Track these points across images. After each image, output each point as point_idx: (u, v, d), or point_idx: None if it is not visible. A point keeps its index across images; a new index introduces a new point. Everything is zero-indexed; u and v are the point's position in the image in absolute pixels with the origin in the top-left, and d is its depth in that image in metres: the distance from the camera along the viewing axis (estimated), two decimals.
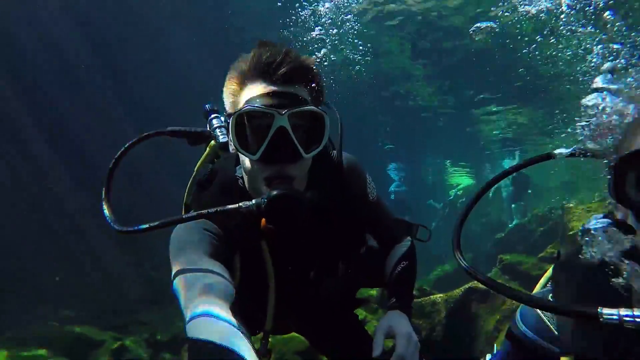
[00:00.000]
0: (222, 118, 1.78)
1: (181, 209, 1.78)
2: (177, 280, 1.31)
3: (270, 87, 1.37)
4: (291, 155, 1.37)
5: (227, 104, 1.50)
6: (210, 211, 1.38)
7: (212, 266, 1.33)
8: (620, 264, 1.13)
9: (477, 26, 8.36)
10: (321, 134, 1.43)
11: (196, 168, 1.78)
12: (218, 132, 1.74)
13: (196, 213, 1.39)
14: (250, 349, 1.04)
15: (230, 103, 1.48)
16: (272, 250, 1.57)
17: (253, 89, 1.39)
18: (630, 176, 1.06)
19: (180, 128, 1.83)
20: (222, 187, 1.57)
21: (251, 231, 1.53)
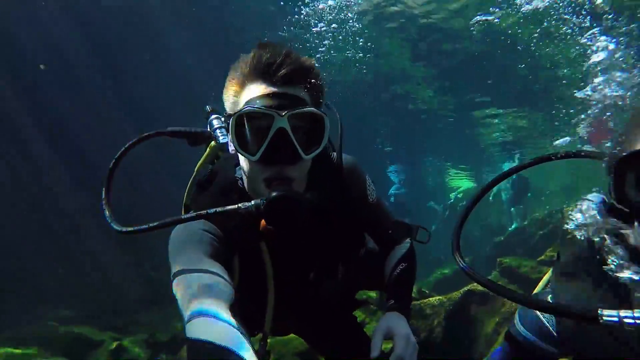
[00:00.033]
0: (223, 119, 1.77)
1: (181, 209, 1.78)
2: (176, 280, 1.31)
3: (270, 88, 1.37)
4: (291, 156, 1.37)
5: (227, 104, 1.50)
6: (210, 212, 1.38)
7: (212, 267, 1.33)
8: (622, 263, 1.12)
9: (477, 20, 8.35)
10: (321, 136, 1.43)
11: (196, 169, 1.78)
12: (218, 132, 1.74)
13: (195, 214, 1.39)
14: (250, 350, 1.04)
15: (230, 104, 1.48)
16: (272, 251, 1.57)
17: (253, 90, 1.39)
18: (630, 177, 1.06)
19: (180, 128, 1.84)
20: (222, 188, 1.57)
21: (250, 232, 1.53)
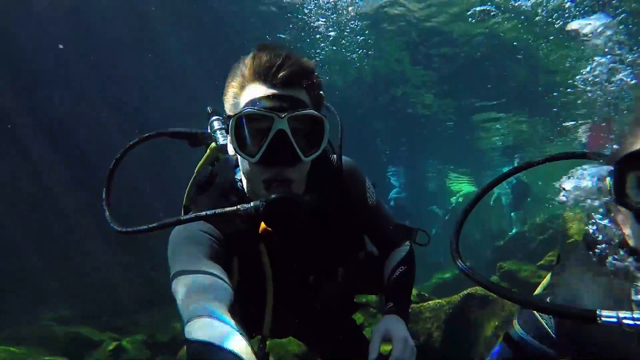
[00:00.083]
0: (223, 120, 1.78)
1: (180, 210, 1.78)
2: (175, 281, 1.31)
3: (270, 90, 1.37)
4: (290, 158, 1.37)
5: (226, 106, 1.50)
6: (209, 213, 1.39)
7: (211, 268, 1.34)
8: (623, 266, 1.12)
9: (475, 9, 8.22)
10: (320, 138, 1.43)
11: (196, 170, 1.78)
12: (218, 134, 1.74)
13: (195, 215, 1.40)
14: (249, 351, 1.04)
15: (230, 105, 1.48)
16: (271, 253, 1.57)
17: (253, 91, 1.39)
18: (631, 177, 1.06)
19: (180, 129, 1.84)
20: (221, 189, 1.57)
21: (249, 234, 1.53)
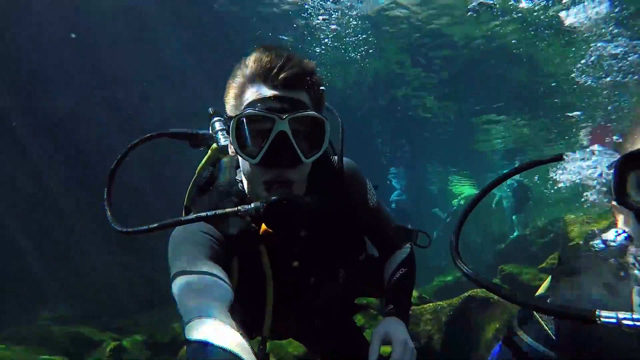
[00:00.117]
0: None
1: (181, 211, 1.78)
2: (175, 281, 1.31)
3: (271, 92, 1.37)
4: (291, 159, 1.37)
5: (227, 107, 1.50)
6: (209, 214, 1.39)
7: (211, 268, 1.34)
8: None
9: (474, 5, 8.14)
10: (321, 139, 1.44)
11: (197, 171, 1.78)
12: (220, 135, 1.74)
13: (195, 216, 1.40)
14: (249, 351, 1.04)
15: (231, 106, 1.48)
16: (271, 254, 1.57)
17: (254, 93, 1.39)
18: (631, 177, 1.05)
19: (181, 130, 1.84)
20: (222, 190, 1.57)
21: (250, 235, 1.53)
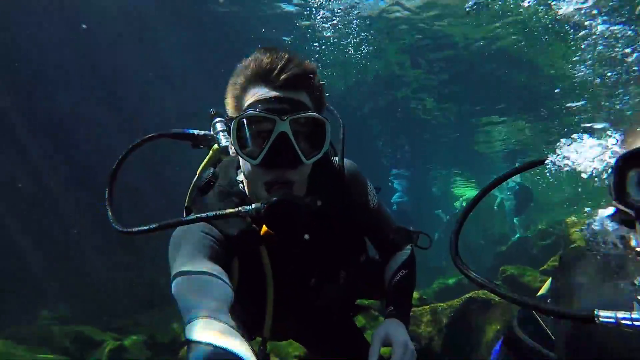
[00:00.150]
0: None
1: (182, 211, 1.78)
2: (176, 282, 1.31)
3: (272, 93, 1.37)
4: (292, 160, 1.38)
5: (228, 108, 1.51)
6: (210, 215, 1.40)
7: (211, 269, 1.34)
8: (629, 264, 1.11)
9: (470, 5, 8.05)
10: (322, 140, 1.44)
11: (198, 171, 1.78)
12: (221, 135, 1.75)
13: (196, 216, 1.40)
14: (250, 352, 1.04)
15: (231, 107, 1.48)
16: (272, 254, 1.57)
17: (255, 94, 1.39)
18: (631, 175, 1.05)
19: (183, 130, 1.84)
20: (223, 191, 1.57)
21: (251, 235, 1.53)
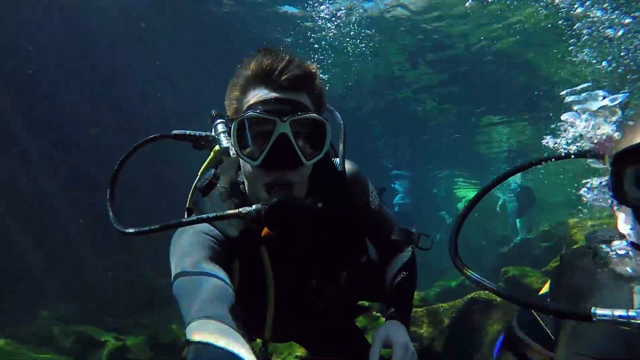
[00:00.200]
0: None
1: (183, 212, 1.78)
2: (176, 282, 1.32)
3: (272, 94, 1.38)
4: (292, 161, 1.38)
5: (229, 109, 1.51)
6: (210, 216, 1.40)
7: (212, 270, 1.34)
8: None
9: (470, 3, 8.06)
10: (322, 141, 1.44)
11: (199, 172, 1.78)
12: (222, 137, 1.75)
13: (197, 217, 1.40)
14: (250, 352, 1.04)
15: (232, 108, 1.49)
16: (272, 255, 1.57)
17: (255, 95, 1.40)
18: (628, 173, 1.04)
19: (184, 132, 1.84)
20: (224, 192, 1.58)
21: (251, 236, 1.53)
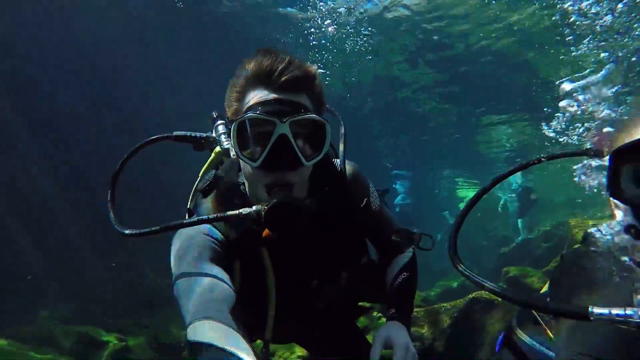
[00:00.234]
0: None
1: (183, 213, 1.79)
2: (177, 283, 1.33)
3: (272, 95, 1.37)
4: (292, 162, 1.38)
5: (229, 110, 1.51)
6: (211, 217, 1.40)
7: (213, 271, 1.35)
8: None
9: None
10: (322, 142, 1.44)
11: (200, 174, 1.78)
12: (223, 138, 1.75)
13: (197, 218, 1.41)
14: (251, 353, 1.04)
15: (232, 109, 1.49)
16: (273, 256, 1.57)
17: (255, 96, 1.39)
18: (625, 170, 1.04)
19: (185, 133, 1.84)
20: (224, 193, 1.58)
21: (252, 237, 1.54)
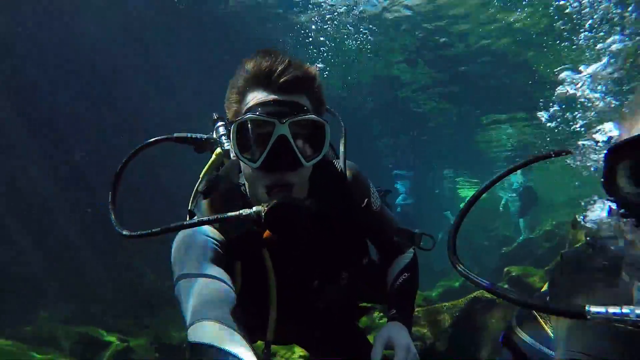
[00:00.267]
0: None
1: (184, 215, 1.79)
2: (178, 285, 1.33)
3: (271, 96, 1.38)
4: (291, 163, 1.38)
5: (228, 111, 1.51)
6: (211, 218, 1.40)
7: (214, 272, 1.35)
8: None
9: None
10: (322, 143, 1.44)
11: (201, 175, 1.78)
12: (224, 139, 1.75)
13: (198, 220, 1.41)
14: (252, 354, 1.05)
15: (231, 110, 1.49)
16: (274, 257, 1.57)
17: (255, 97, 1.40)
18: (621, 167, 1.02)
19: (186, 134, 1.84)
20: (225, 194, 1.58)
21: (253, 238, 1.54)
